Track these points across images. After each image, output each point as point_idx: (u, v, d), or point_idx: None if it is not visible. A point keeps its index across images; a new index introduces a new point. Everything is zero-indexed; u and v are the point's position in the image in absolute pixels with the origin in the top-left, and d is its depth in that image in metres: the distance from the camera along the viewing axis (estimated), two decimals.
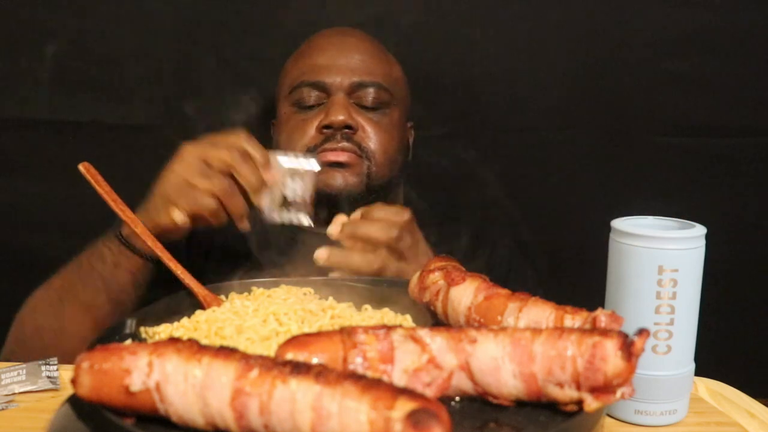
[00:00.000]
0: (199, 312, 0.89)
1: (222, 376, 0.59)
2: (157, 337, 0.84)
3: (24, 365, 0.88)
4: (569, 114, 1.57)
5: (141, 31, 1.50)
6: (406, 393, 0.55)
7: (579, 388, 0.64)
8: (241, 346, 0.78)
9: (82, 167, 1.02)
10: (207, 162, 1.01)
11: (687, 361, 0.82)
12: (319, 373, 0.57)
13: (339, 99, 1.23)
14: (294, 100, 1.27)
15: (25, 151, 1.55)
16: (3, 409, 0.82)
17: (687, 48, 1.53)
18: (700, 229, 0.80)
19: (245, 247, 1.23)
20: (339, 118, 1.20)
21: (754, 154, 1.57)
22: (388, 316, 0.89)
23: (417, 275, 0.91)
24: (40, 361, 0.88)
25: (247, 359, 0.60)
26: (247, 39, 1.51)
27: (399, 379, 0.65)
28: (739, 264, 1.53)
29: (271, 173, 1.04)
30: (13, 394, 0.85)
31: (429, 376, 0.65)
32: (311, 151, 1.22)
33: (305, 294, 0.94)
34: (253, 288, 0.96)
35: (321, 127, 1.22)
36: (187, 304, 0.93)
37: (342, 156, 1.21)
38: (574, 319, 0.74)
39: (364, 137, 1.23)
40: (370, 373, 0.64)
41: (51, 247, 1.36)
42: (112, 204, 1.00)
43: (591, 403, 0.64)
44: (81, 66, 1.51)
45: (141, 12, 1.51)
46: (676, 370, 0.81)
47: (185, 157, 1.03)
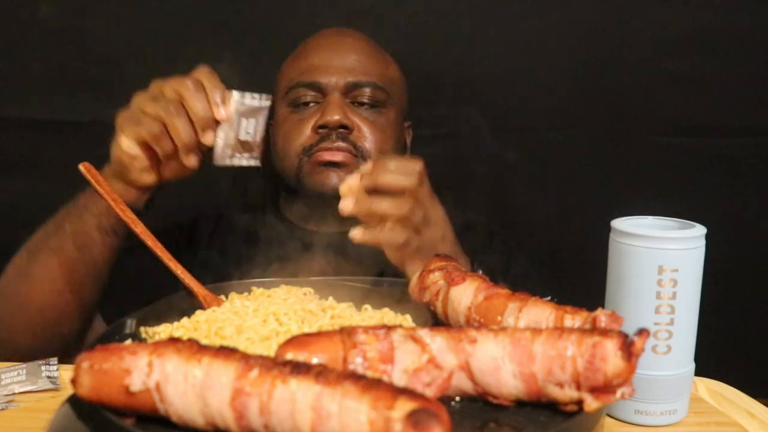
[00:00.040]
0: (199, 312, 0.89)
1: (222, 376, 0.59)
2: (157, 337, 0.84)
3: (24, 365, 0.88)
4: (569, 114, 1.57)
5: (141, 31, 1.50)
6: (406, 393, 0.55)
7: (579, 388, 0.64)
8: (241, 346, 0.78)
9: (82, 167, 1.02)
10: (161, 91, 1.00)
11: (687, 361, 0.82)
12: (319, 373, 0.57)
13: (334, 99, 1.23)
14: (290, 100, 1.27)
15: (25, 151, 1.55)
16: (3, 409, 0.82)
17: (687, 48, 1.53)
18: (700, 229, 0.80)
19: (245, 247, 1.23)
20: (334, 117, 1.20)
21: (754, 154, 1.57)
22: (388, 316, 0.89)
23: (417, 275, 0.91)
24: (40, 361, 0.88)
25: (247, 359, 0.59)
26: (247, 39, 1.51)
27: (399, 379, 0.65)
28: (739, 264, 1.53)
29: (223, 112, 1.00)
30: (13, 394, 0.85)
31: (429, 376, 0.65)
32: (307, 151, 1.22)
33: (305, 294, 0.94)
34: (253, 288, 0.96)
35: (317, 127, 1.22)
36: (187, 304, 0.93)
37: (338, 156, 1.20)
38: (574, 319, 0.74)
39: (359, 137, 1.23)
40: (370, 373, 0.64)
41: None
42: (112, 204, 1.00)
43: (591, 403, 0.64)
44: (81, 66, 1.51)
45: (141, 12, 1.51)
46: (676, 370, 0.81)
47: (148, 88, 1.02)
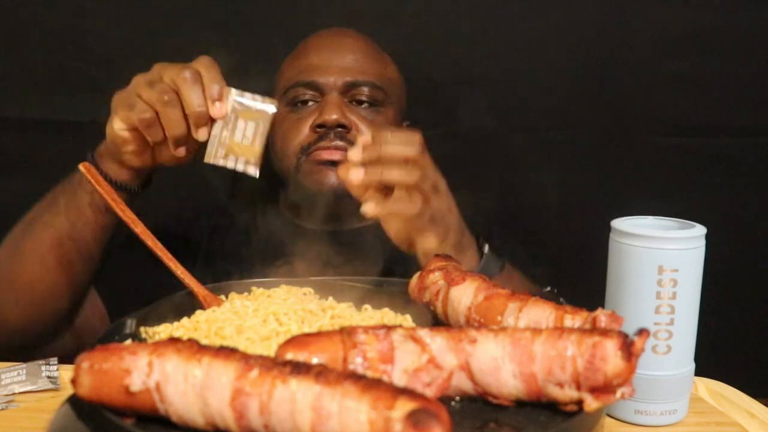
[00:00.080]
0: (199, 312, 0.89)
1: (222, 376, 0.59)
2: (157, 337, 0.84)
3: (24, 365, 0.88)
4: (569, 114, 1.57)
5: (141, 31, 1.50)
6: (406, 393, 0.55)
7: (579, 388, 0.64)
8: (241, 346, 0.78)
9: (82, 167, 1.02)
10: (160, 76, 0.98)
11: (687, 361, 0.82)
12: (319, 373, 0.57)
13: (333, 98, 1.23)
14: (289, 99, 1.27)
15: (25, 151, 1.55)
16: (3, 409, 0.82)
17: (687, 48, 1.53)
18: (700, 229, 0.80)
19: (245, 245, 1.23)
20: (332, 117, 1.20)
21: (754, 154, 1.57)
22: (388, 316, 0.89)
23: (417, 275, 0.91)
24: (40, 361, 0.88)
25: (247, 359, 0.59)
26: (247, 39, 1.51)
27: (399, 379, 0.65)
28: (739, 264, 1.52)
29: (219, 108, 0.96)
30: (13, 394, 0.85)
31: (429, 376, 0.65)
32: (305, 150, 1.22)
33: (305, 294, 0.94)
34: (253, 288, 0.96)
35: (315, 126, 1.22)
36: (187, 304, 0.93)
37: (335, 155, 1.20)
38: (574, 319, 0.74)
39: (357, 136, 1.23)
40: (370, 373, 0.64)
41: None
42: (112, 204, 1.00)
43: (591, 403, 0.64)
44: (81, 66, 1.51)
45: (141, 12, 1.51)
46: (676, 370, 0.81)
47: (149, 71, 1.00)
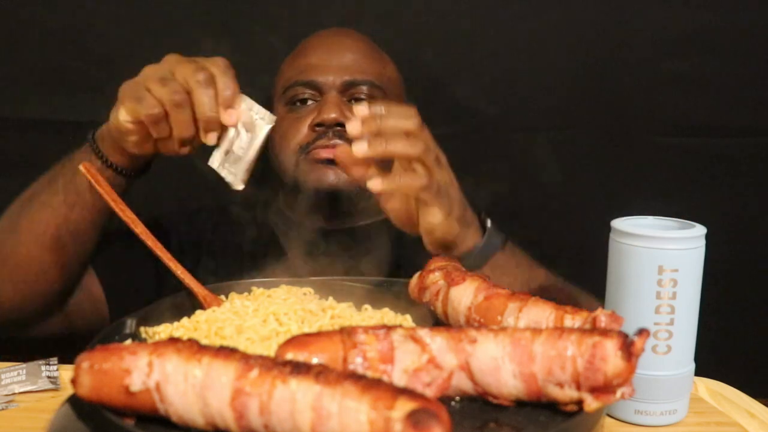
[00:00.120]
0: (199, 312, 0.89)
1: (222, 376, 0.59)
2: (157, 337, 0.84)
3: (24, 365, 0.88)
4: (569, 114, 1.57)
5: (141, 31, 1.50)
6: (406, 393, 0.55)
7: (579, 388, 0.64)
8: (241, 346, 0.78)
9: (83, 167, 1.02)
10: (173, 73, 0.96)
11: (687, 361, 0.82)
12: (319, 373, 0.57)
13: (331, 97, 1.23)
14: (288, 99, 1.27)
15: (25, 151, 1.55)
16: (3, 409, 0.82)
17: (687, 48, 1.53)
18: (700, 229, 0.80)
19: (245, 243, 1.23)
20: (331, 115, 1.20)
21: (754, 154, 1.57)
22: (388, 316, 0.89)
23: (417, 275, 0.91)
24: (40, 361, 0.88)
25: (247, 359, 0.59)
26: (247, 39, 1.51)
27: (399, 379, 0.65)
28: (739, 264, 1.52)
29: (230, 115, 0.96)
30: (13, 394, 0.85)
31: (429, 376, 0.65)
32: (304, 149, 1.22)
33: (305, 294, 0.94)
34: (253, 288, 0.96)
35: (313, 125, 1.22)
36: (187, 304, 0.93)
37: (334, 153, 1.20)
38: (574, 319, 0.74)
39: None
40: (370, 373, 0.64)
41: None
42: (112, 204, 1.00)
43: (591, 403, 0.64)
44: (81, 66, 1.50)
45: (141, 12, 1.51)
46: (676, 370, 0.81)
47: (160, 63, 0.99)
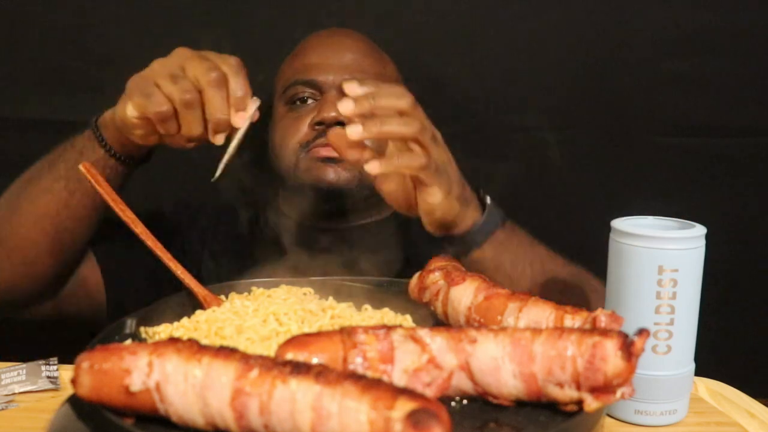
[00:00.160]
0: (199, 312, 0.89)
1: (222, 376, 0.59)
2: (157, 337, 0.84)
3: (24, 365, 0.88)
4: (569, 114, 1.57)
5: (141, 31, 1.50)
6: (406, 393, 0.55)
7: (579, 388, 0.64)
8: (241, 346, 0.78)
9: (83, 167, 1.02)
10: (184, 69, 0.95)
11: (687, 361, 0.82)
12: (319, 373, 0.57)
13: (332, 96, 1.23)
14: (288, 98, 1.27)
15: (25, 151, 1.55)
16: (3, 409, 0.82)
17: (687, 48, 1.53)
18: (700, 229, 0.80)
19: (245, 244, 1.23)
20: (331, 114, 1.20)
21: (754, 154, 1.57)
22: (388, 316, 0.89)
23: (417, 275, 0.91)
24: (40, 361, 0.88)
25: (247, 359, 0.59)
26: (247, 39, 1.51)
27: (399, 379, 0.65)
28: (739, 264, 1.52)
29: (240, 118, 0.94)
30: (13, 394, 0.85)
31: (429, 376, 0.65)
32: (304, 147, 1.22)
33: (305, 294, 0.94)
34: (253, 288, 0.96)
35: (314, 123, 1.22)
36: (187, 304, 0.93)
37: (334, 151, 1.20)
38: (574, 319, 0.74)
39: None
40: (370, 373, 0.64)
41: None
42: (112, 204, 1.00)
43: (591, 403, 0.64)
44: (81, 66, 1.50)
45: (141, 12, 1.51)
46: (676, 370, 0.81)
47: (170, 57, 0.98)
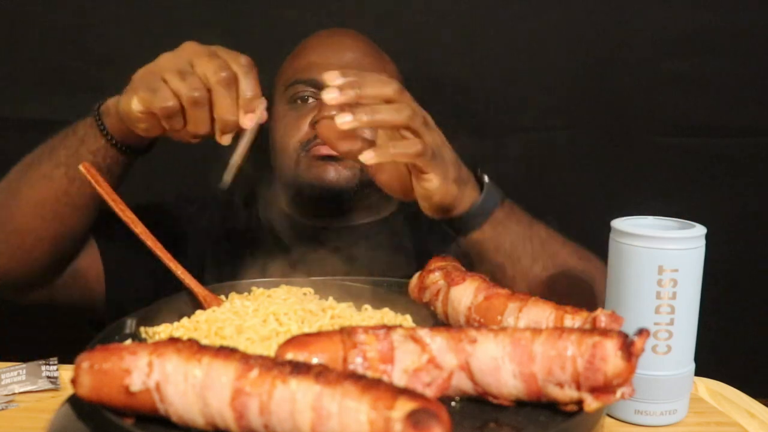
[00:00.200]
0: (199, 312, 0.89)
1: (222, 376, 0.59)
2: (157, 337, 0.84)
3: (24, 365, 0.88)
4: (569, 114, 1.57)
5: (141, 31, 1.50)
6: (406, 393, 0.55)
7: (579, 388, 0.64)
8: (241, 346, 0.78)
9: (82, 167, 1.02)
10: (193, 66, 0.92)
11: (687, 361, 0.82)
12: (319, 373, 0.57)
13: None
14: (289, 97, 1.27)
15: (25, 151, 1.55)
16: (3, 409, 0.82)
17: (687, 48, 1.53)
18: (700, 229, 0.80)
19: (245, 243, 1.23)
20: (332, 113, 1.20)
21: (754, 154, 1.57)
22: (388, 316, 0.89)
23: (417, 275, 0.91)
24: (40, 361, 0.88)
25: (247, 359, 0.59)
26: (248, 39, 1.51)
27: (399, 379, 0.65)
28: (739, 264, 1.52)
29: (249, 119, 0.91)
30: (13, 394, 0.85)
31: (429, 376, 0.65)
32: (305, 146, 1.22)
33: (305, 294, 0.94)
34: (253, 288, 0.96)
35: (314, 122, 1.22)
36: (187, 304, 0.93)
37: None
38: (574, 319, 0.74)
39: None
40: (370, 373, 0.64)
41: None
42: (112, 204, 0.99)
43: (591, 403, 0.64)
44: (81, 66, 1.51)
45: (141, 12, 1.51)
46: (676, 370, 0.81)
47: (178, 51, 0.95)
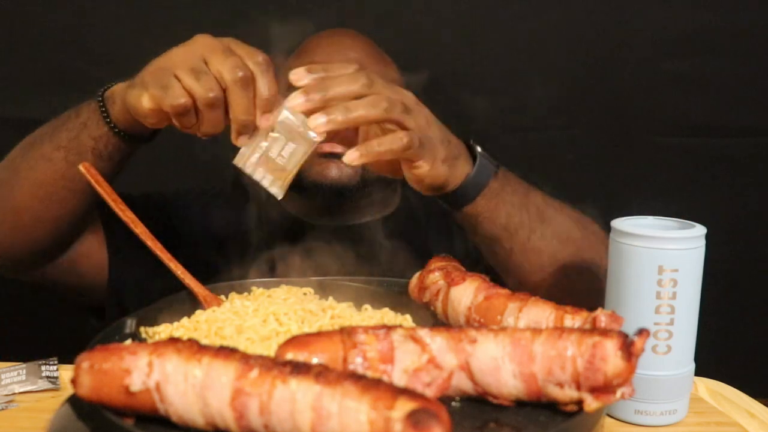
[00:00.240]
0: (199, 312, 0.89)
1: (222, 376, 0.59)
2: (157, 337, 0.84)
3: (24, 365, 0.88)
4: (569, 114, 1.57)
5: (141, 31, 1.50)
6: (406, 393, 0.55)
7: (579, 388, 0.64)
8: (241, 346, 0.78)
9: (82, 167, 1.02)
10: (207, 63, 0.88)
11: (687, 361, 0.82)
12: (319, 373, 0.57)
13: None
14: None
15: None
16: (3, 409, 0.82)
17: (687, 48, 1.53)
18: (700, 229, 0.80)
19: (246, 243, 1.23)
20: None
21: (754, 154, 1.57)
22: (388, 316, 0.89)
23: (417, 275, 0.91)
24: (40, 361, 0.88)
25: (247, 359, 0.59)
26: (248, 39, 1.51)
27: (399, 379, 0.65)
28: (739, 264, 1.53)
29: (266, 120, 0.88)
30: (13, 394, 0.85)
31: (429, 376, 0.65)
32: None
33: (305, 294, 0.94)
34: (253, 288, 0.96)
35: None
36: (187, 304, 0.93)
37: (337, 147, 1.20)
38: (574, 319, 0.74)
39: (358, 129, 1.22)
40: (370, 373, 0.64)
41: None
42: (112, 204, 1.00)
43: (591, 403, 0.64)
44: (81, 66, 1.51)
45: (141, 12, 1.51)
46: (676, 370, 0.81)
47: (190, 46, 0.90)
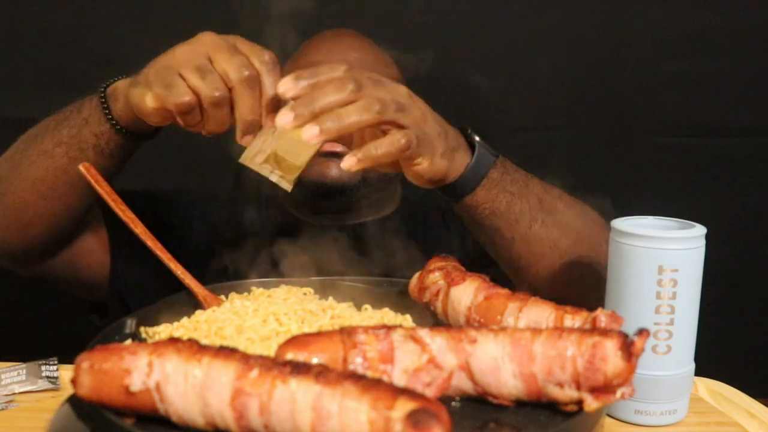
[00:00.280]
0: (199, 312, 0.89)
1: (222, 376, 0.59)
2: (157, 337, 0.84)
3: (24, 365, 0.88)
4: (569, 114, 1.57)
5: (141, 31, 1.50)
6: (406, 393, 0.55)
7: (579, 388, 0.64)
8: (241, 346, 0.78)
9: (82, 167, 1.02)
10: (212, 61, 0.87)
11: (687, 361, 0.82)
12: (319, 373, 0.57)
13: None
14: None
15: None
16: (3, 409, 0.82)
17: (687, 48, 1.53)
18: (700, 229, 0.80)
19: (247, 242, 1.22)
20: None
21: (754, 154, 1.57)
22: (388, 316, 0.89)
23: (417, 275, 0.91)
24: (40, 361, 0.88)
25: (247, 359, 0.59)
26: (248, 39, 1.51)
27: (399, 379, 0.65)
28: (739, 264, 1.53)
29: (271, 118, 0.86)
30: (13, 394, 0.85)
31: (429, 376, 0.65)
32: None
33: (305, 294, 0.94)
34: (253, 288, 0.96)
35: None
36: (187, 304, 0.93)
37: (338, 146, 1.20)
38: (574, 319, 0.74)
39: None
40: (370, 373, 0.64)
41: None
42: (112, 204, 0.99)
43: (591, 403, 0.64)
44: (81, 66, 1.51)
45: (141, 12, 1.51)
46: (676, 370, 0.81)
47: (195, 44, 0.89)
